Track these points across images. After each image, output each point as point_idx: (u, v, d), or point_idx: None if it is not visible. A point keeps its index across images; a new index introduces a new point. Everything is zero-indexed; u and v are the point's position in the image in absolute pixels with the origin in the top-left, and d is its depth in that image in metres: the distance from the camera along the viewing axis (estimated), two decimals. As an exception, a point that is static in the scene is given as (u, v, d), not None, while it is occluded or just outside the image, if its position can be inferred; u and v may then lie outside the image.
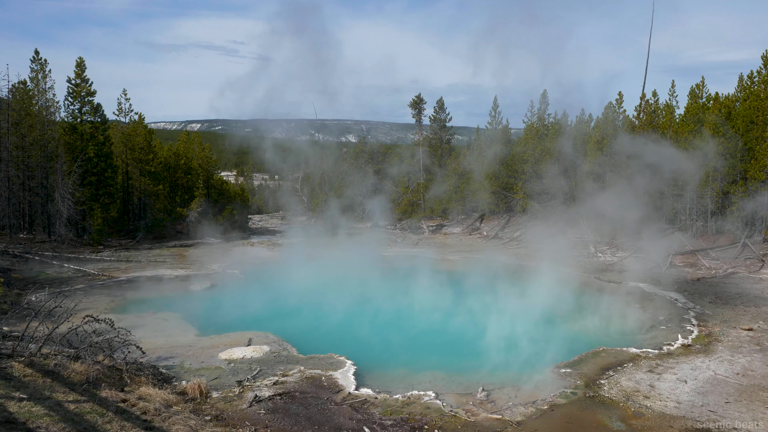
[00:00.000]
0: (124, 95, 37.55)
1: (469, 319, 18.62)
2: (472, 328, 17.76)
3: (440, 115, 48.02)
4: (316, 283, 23.34)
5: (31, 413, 8.18)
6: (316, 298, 20.86)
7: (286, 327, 16.66)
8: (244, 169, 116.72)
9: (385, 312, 19.88)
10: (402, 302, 21.01)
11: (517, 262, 28.70)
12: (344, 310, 19.79)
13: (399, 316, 19.52)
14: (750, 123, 30.23)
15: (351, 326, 17.99)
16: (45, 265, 24.87)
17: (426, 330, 17.95)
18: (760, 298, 20.61)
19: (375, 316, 19.42)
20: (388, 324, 18.46)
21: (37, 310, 11.88)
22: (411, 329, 18.00)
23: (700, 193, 30.69)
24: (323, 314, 19.24)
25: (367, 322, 18.64)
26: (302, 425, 9.80)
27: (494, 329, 17.40)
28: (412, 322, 18.96)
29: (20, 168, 31.07)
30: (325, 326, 17.97)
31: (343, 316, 19.01)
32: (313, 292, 21.69)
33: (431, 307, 20.35)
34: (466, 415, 10.44)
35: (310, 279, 24.00)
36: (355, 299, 21.16)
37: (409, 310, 20.24)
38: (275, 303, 20.13)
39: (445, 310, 19.84)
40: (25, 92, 32.01)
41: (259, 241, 37.89)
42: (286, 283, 23.67)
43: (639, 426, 10.15)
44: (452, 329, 17.78)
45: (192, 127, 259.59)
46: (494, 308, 19.37)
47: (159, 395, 10.01)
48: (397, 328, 18.01)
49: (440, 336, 17.16)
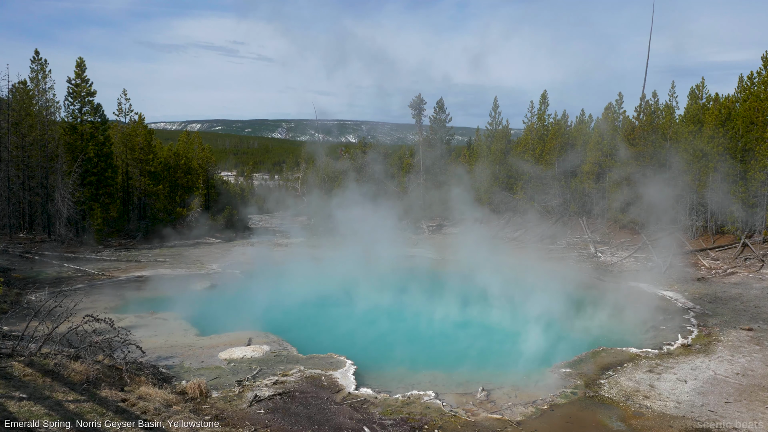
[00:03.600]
0: (124, 95, 37.58)
1: (469, 319, 18.63)
2: (471, 327, 17.77)
3: (440, 115, 48.03)
4: (316, 282, 23.34)
5: (31, 413, 8.17)
6: (316, 298, 20.86)
7: (286, 327, 16.67)
8: (244, 169, 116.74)
9: (385, 312, 19.88)
10: (402, 302, 21.01)
11: (516, 263, 28.67)
12: (344, 309, 19.80)
13: (399, 315, 19.53)
14: (750, 124, 30.23)
15: (351, 326, 18.00)
16: (45, 264, 24.87)
17: (425, 329, 17.96)
18: (760, 298, 20.61)
19: (375, 315, 19.42)
20: (388, 324, 18.47)
21: (37, 309, 11.87)
22: (410, 329, 18.00)
23: (700, 193, 30.69)
24: (323, 314, 19.24)
25: (367, 321, 18.64)
26: (302, 425, 9.79)
27: (494, 329, 17.41)
28: (412, 321, 18.96)
29: (20, 168, 31.07)
30: (325, 326, 17.98)
31: (343, 316, 19.02)
32: (312, 292, 21.69)
33: (430, 307, 20.36)
34: (466, 414, 10.44)
35: (310, 279, 24.00)
36: (355, 299, 21.16)
37: (408, 309, 20.24)
38: (275, 303, 20.12)
39: (445, 310, 19.84)
40: (25, 92, 32.02)
41: (259, 240, 37.88)
42: (286, 283, 23.66)
43: (639, 426, 10.14)
44: (452, 329, 17.77)
45: (192, 127, 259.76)
46: (494, 308, 19.38)
47: (159, 395, 10.00)
48: (396, 327, 18.01)
49: (440, 336, 17.17)
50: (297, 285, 22.98)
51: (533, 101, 44.21)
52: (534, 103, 44.06)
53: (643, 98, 36.24)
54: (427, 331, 17.76)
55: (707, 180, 30.59)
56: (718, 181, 30.39)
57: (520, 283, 22.50)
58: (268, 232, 43.94)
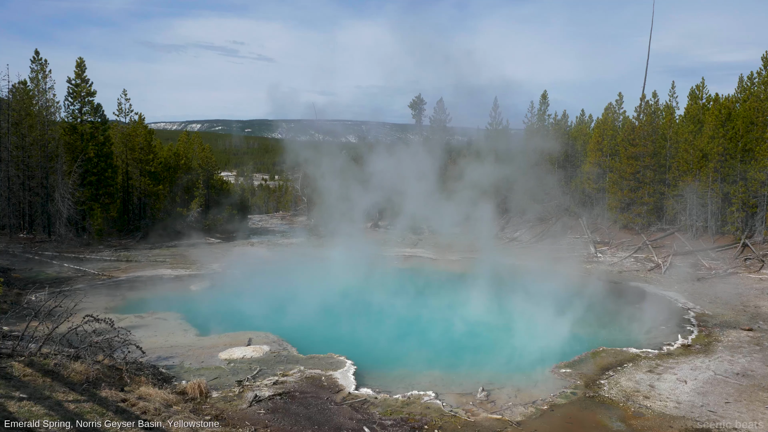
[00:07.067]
0: (124, 95, 37.55)
1: (469, 319, 18.61)
2: (471, 328, 17.75)
3: (440, 115, 48.02)
4: (316, 283, 23.34)
5: (31, 413, 8.17)
6: (316, 298, 20.84)
7: (286, 327, 16.66)
8: (244, 169, 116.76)
9: (385, 312, 19.88)
10: (402, 302, 20.99)
11: (516, 263, 28.68)
12: (344, 310, 19.79)
13: (399, 316, 19.51)
14: (750, 124, 30.23)
15: (351, 326, 17.98)
16: (45, 264, 24.87)
17: (425, 330, 17.95)
18: (760, 298, 20.62)
19: (375, 316, 19.42)
20: (388, 324, 18.47)
21: (37, 309, 11.87)
22: (411, 329, 17.99)
23: (700, 193, 30.70)
24: (323, 314, 19.22)
25: (367, 322, 18.63)
26: (302, 425, 9.79)
27: (494, 329, 17.41)
28: (412, 321, 18.95)
29: (20, 168, 31.07)
30: (325, 326, 17.96)
31: (343, 316, 19.01)
32: (312, 292, 21.67)
33: (430, 307, 20.36)
34: (466, 415, 10.44)
35: (310, 279, 24.00)
36: (355, 299, 21.16)
37: (408, 310, 20.22)
38: (275, 303, 20.12)
39: (444, 310, 19.84)
40: (25, 92, 32.02)
41: (259, 241, 37.88)
42: (286, 283, 23.66)
43: (639, 426, 10.14)
44: (452, 329, 17.76)
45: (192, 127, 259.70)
46: (493, 308, 19.37)
47: (159, 395, 10.00)
48: (397, 327, 18.00)
49: (440, 336, 17.16)
50: (297, 285, 22.98)
51: (533, 101, 44.24)
52: (534, 103, 44.09)
53: (643, 98, 36.23)
54: (426, 331, 17.75)
55: (707, 180, 30.58)
56: (718, 181, 30.39)
57: (520, 283, 22.49)
58: (268, 232, 43.94)
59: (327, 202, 37.20)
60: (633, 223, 34.50)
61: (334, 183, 30.25)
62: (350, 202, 31.45)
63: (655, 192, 34.28)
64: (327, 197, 33.57)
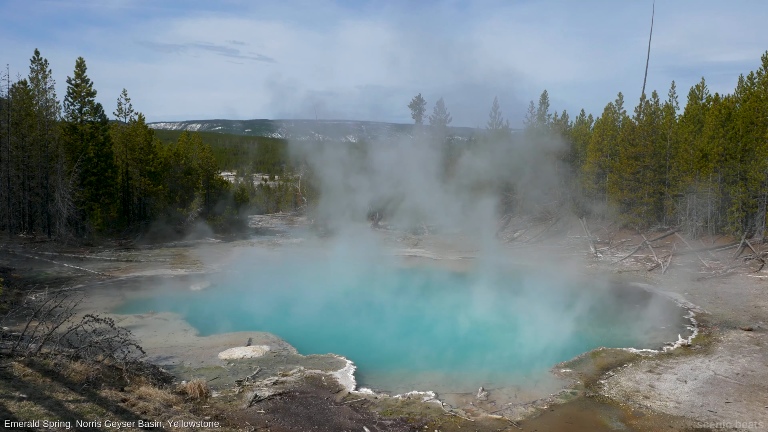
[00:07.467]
0: (124, 95, 37.55)
1: (469, 319, 18.61)
2: (471, 328, 17.75)
3: (440, 115, 48.02)
4: (316, 283, 23.33)
5: (31, 413, 8.17)
6: (316, 298, 20.84)
7: (286, 327, 16.66)
8: (244, 169, 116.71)
9: (385, 312, 19.88)
10: (402, 302, 20.99)
11: (516, 263, 28.68)
12: (344, 310, 19.78)
13: (399, 316, 19.51)
14: (750, 124, 30.22)
15: (351, 326, 17.99)
16: (45, 264, 24.87)
17: (425, 330, 17.94)
18: (760, 298, 20.61)
19: (375, 316, 19.42)
20: (388, 324, 18.46)
21: (36, 309, 11.88)
22: (411, 329, 17.98)
23: (700, 193, 30.70)
24: (323, 314, 19.22)
25: (367, 322, 18.63)
26: (302, 425, 9.79)
27: (494, 329, 17.40)
28: (412, 321, 18.95)
29: (20, 168, 31.06)
30: (325, 326, 17.96)
31: (343, 316, 19.01)
32: (312, 292, 21.67)
33: (431, 307, 20.35)
34: (466, 415, 10.44)
35: (310, 279, 23.98)
36: (355, 299, 21.15)
37: (409, 310, 20.22)
38: (275, 303, 20.12)
39: (444, 310, 19.83)
40: (25, 92, 32.01)
41: (259, 241, 37.87)
42: (286, 283, 23.65)
43: (639, 426, 10.14)
44: (452, 329, 17.76)
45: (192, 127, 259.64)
46: (493, 309, 19.36)
47: (159, 395, 10.00)
48: (397, 327, 17.99)
49: (440, 336, 17.15)
50: (297, 285, 22.97)
51: (533, 101, 44.23)
52: (534, 103, 44.08)
53: (643, 98, 36.24)
54: (426, 331, 17.74)
55: (707, 180, 30.58)
56: (718, 181, 30.39)
57: (520, 283, 22.48)
58: (268, 232, 43.92)
59: (327, 201, 37.26)
60: (633, 223, 34.51)
61: (334, 179, 30.20)
62: (350, 201, 31.48)
63: (655, 192, 34.28)
64: (327, 197, 33.62)
